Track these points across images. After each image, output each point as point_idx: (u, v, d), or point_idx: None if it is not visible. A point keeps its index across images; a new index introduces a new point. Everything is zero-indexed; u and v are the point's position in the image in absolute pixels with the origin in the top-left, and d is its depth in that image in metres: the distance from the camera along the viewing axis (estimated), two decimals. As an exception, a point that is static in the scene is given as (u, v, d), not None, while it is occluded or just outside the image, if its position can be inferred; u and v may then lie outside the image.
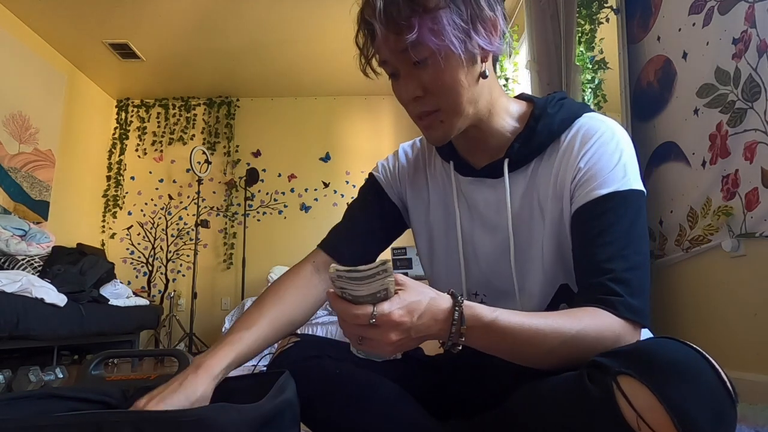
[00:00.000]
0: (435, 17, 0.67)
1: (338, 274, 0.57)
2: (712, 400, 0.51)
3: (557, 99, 0.81)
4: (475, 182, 0.84)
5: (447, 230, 0.87)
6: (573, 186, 0.74)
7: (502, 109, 0.80)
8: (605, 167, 0.72)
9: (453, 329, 0.61)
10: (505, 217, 0.79)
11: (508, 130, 0.81)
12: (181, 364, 1.37)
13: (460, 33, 0.68)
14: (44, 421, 0.53)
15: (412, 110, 0.76)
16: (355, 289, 0.57)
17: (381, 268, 0.55)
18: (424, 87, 0.72)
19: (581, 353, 0.62)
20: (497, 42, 0.73)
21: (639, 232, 0.70)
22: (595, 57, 2.54)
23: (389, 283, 0.57)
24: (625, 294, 0.65)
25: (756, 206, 1.60)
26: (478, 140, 0.81)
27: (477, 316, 0.62)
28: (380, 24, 0.68)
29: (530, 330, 0.62)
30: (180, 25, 4.06)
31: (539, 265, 0.78)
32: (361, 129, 5.34)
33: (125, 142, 5.24)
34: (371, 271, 0.55)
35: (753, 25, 1.60)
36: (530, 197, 0.79)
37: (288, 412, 0.66)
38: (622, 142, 0.75)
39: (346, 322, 0.60)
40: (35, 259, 3.24)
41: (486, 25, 0.71)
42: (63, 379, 2.68)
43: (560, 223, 0.76)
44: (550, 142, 0.78)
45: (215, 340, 0.76)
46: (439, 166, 0.90)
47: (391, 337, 0.58)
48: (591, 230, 0.70)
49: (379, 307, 0.57)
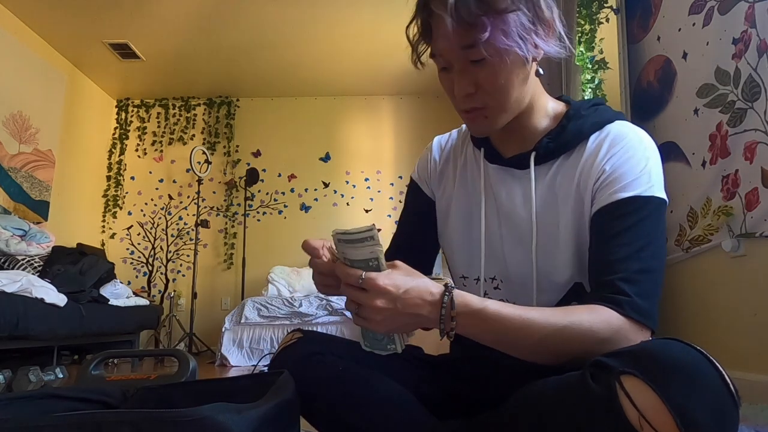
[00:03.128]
0: (505, 19, 0.68)
1: (337, 237, 0.66)
2: (715, 401, 0.51)
3: (593, 104, 0.84)
4: (500, 171, 0.86)
5: (471, 215, 0.89)
6: (596, 187, 0.75)
7: (541, 107, 0.83)
8: (630, 172, 0.73)
9: (443, 311, 0.64)
10: (528, 208, 0.81)
11: (543, 126, 0.83)
12: (181, 364, 1.37)
13: (525, 34, 0.70)
14: (44, 421, 0.52)
15: (460, 104, 0.77)
16: (351, 254, 0.66)
17: (367, 234, 0.64)
18: (477, 84, 0.73)
19: (575, 345, 0.62)
20: (553, 43, 0.75)
21: (657, 238, 0.70)
22: (595, 57, 2.54)
23: (378, 252, 0.65)
24: (633, 294, 0.65)
25: (756, 206, 1.60)
26: (513, 132, 0.83)
27: (467, 302, 0.65)
28: (451, 17, 0.68)
29: (520, 319, 0.64)
30: (180, 25, 4.06)
31: (556, 261, 0.78)
32: (361, 129, 5.34)
33: (125, 142, 5.24)
34: (359, 235, 0.64)
35: (753, 25, 1.60)
36: (551, 193, 0.80)
37: (287, 412, 0.66)
38: (650, 150, 0.76)
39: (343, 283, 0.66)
40: (35, 259, 3.24)
41: (545, 27, 0.73)
42: (63, 379, 2.68)
43: (579, 222, 0.76)
44: (578, 142, 0.79)
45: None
46: (469, 152, 0.92)
47: (377, 302, 0.63)
48: (609, 230, 0.71)
49: (369, 273, 0.64)
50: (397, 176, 5.21)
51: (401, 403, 0.78)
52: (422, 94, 5.28)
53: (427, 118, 5.20)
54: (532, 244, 0.79)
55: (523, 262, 0.81)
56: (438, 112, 5.12)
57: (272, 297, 4.15)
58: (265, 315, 3.94)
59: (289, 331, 0.93)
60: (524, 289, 0.82)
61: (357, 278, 0.64)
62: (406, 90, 5.23)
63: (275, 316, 3.94)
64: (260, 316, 3.93)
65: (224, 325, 3.91)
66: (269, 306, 3.96)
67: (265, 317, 3.93)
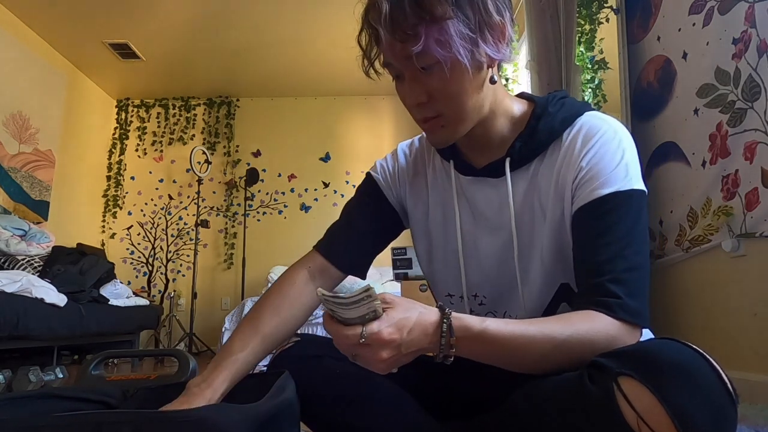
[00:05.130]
0: (442, 27, 0.65)
1: (325, 298, 0.58)
2: (713, 401, 0.51)
3: (558, 98, 0.81)
4: (476, 182, 0.83)
5: (447, 231, 0.87)
6: (575, 185, 0.73)
7: (504, 110, 0.80)
8: (607, 167, 0.72)
9: (443, 341, 0.61)
10: (507, 216, 0.79)
11: (510, 129, 0.80)
12: (181, 364, 1.36)
13: (468, 43, 0.67)
14: (44, 421, 0.53)
15: (416, 114, 0.76)
16: (344, 312, 0.59)
17: (365, 294, 0.57)
18: (429, 93, 0.71)
19: (575, 357, 0.62)
20: (504, 49, 0.72)
21: (639, 233, 0.69)
22: (595, 57, 2.54)
23: (376, 306, 0.58)
24: (623, 295, 0.64)
25: (756, 206, 1.60)
26: (480, 140, 0.81)
27: (466, 327, 0.62)
28: (385, 30, 0.66)
29: (521, 337, 0.62)
30: (180, 25, 4.06)
31: (540, 265, 0.78)
32: (361, 129, 5.34)
33: (125, 142, 5.24)
34: (355, 298, 0.57)
35: (753, 25, 1.60)
36: (531, 197, 0.79)
37: (288, 412, 0.66)
38: (624, 141, 0.74)
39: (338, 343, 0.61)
40: (35, 259, 3.24)
41: (494, 32, 0.70)
42: (63, 379, 2.68)
43: (561, 223, 0.75)
44: (551, 141, 0.78)
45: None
46: (438, 165, 0.89)
47: (382, 354, 0.59)
48: (592, 230, 0.70)
49: (369, 327, 0.58)
50: (397, 176, 5.21)
51: (400, 404, 0.78)
52: (422, 94, 5.28)
53: (427, 118, 5.20)
54: (514, 252, 0.78)
55: (507, 271, 0.80)
56: (438, 112, 5.12)
57: (272, 297, 4.14)
58: (265, 315, 3.93)
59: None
60: (511, 298, 0.81)
61: (358, 338, 0.58)
62: (406, 90, 5.22)
63: (275, 316, 3.93)
64: (260, 316, 3.92)
65: (224, 325, 3.90)
66: (269, 306, 3.95)
67: (265, 317, 3.92)
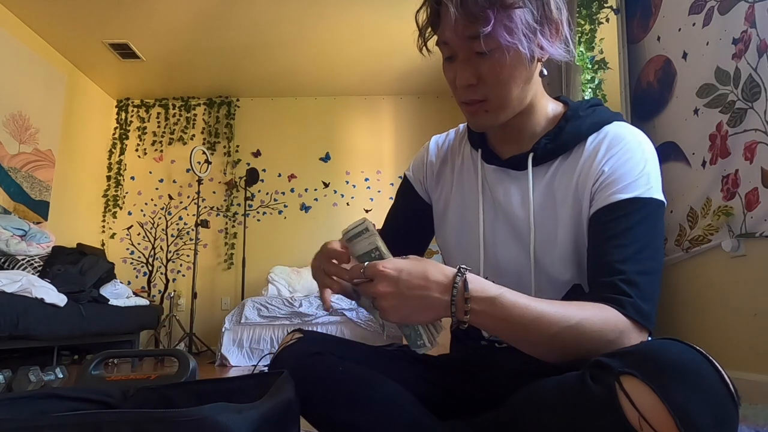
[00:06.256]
0: (510, 14, 0.68)
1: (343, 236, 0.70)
2: (715, 401, 0.51)
3: (591, 104, 0.83)
4: (498, 171, 0.85)
5: (468, 216, 0.88)
6: (594, 188, 0.75)
7: (541, 107, 0.83)
8: (629, 173, 0.73)
9: (455, 292, 0.62)
10: (526, 210, 0.80)
11: (541, 127, 0.83)
12: (181, 364, 1.37)
13: (530, 33, 0.70)
14: (44, 421, 0.52)
15: (461, 95, 0.77)
16: (354, 251, 0.69)
17: (362, 227, 0.67)
18: (479, 76, 0.73)
19: (583, 343, 0.62)
20: (558, 45, 0.75)
21: (655, 240, 0.70)
22: (595, 57, 2.54)
23: (376, 242, 0.67)
24: (635, 296, 0.65)
25: (756, 206, 1.60)
26: (512, 131, 0.83)
27: (483, 287, 0.63)
28: (455, 8, 0.68)
29: (536, 311, 0.63)
30: (180, 25, 4.06)
31: (554, 262, 0.78)
32: (361, 129, 5.34)
33: (125, 142, 5.24)
34: (356, 230, 0.68)
35: (753, 25, 1.60)
36: (550, 194, 0.80)
37: (287, 412, 0.66)
38: (648, 152, 0.76)
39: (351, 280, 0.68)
40: (35, 259, 3.24)
41: (551, 27, 0.73)
42: (63, 379, 2.68)
43: (578, 224, 0.76)
44: (576, 143, 0.79)
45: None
46: (467, 153, 0.92)
47: (380, 288, 0.63)
48: (608, 231, 0.71)
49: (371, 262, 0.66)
50: (397, 176, 5.21)
51: (401, 403, 0.78)
52: (422, 94, 5.28)
53: (427, 118, 5.20)
54: (531, 245, 0.79)
55: (522, 263, 0.81)
56: (438, 112, 5.12)
57: (272, 297, 4.15)
58: (265, 315, 3.94)
59: (289, 331, 0.93)
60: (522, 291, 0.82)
61: (359, 270, 0.66)
62: (406, 90, 5.23)
63: (275, 316, 3.94)
64: (260, 316, 3.93)
65: (224, 325, 3.91)
66: (269, 306, 3.96)
67: (265, 317, 3.93)
